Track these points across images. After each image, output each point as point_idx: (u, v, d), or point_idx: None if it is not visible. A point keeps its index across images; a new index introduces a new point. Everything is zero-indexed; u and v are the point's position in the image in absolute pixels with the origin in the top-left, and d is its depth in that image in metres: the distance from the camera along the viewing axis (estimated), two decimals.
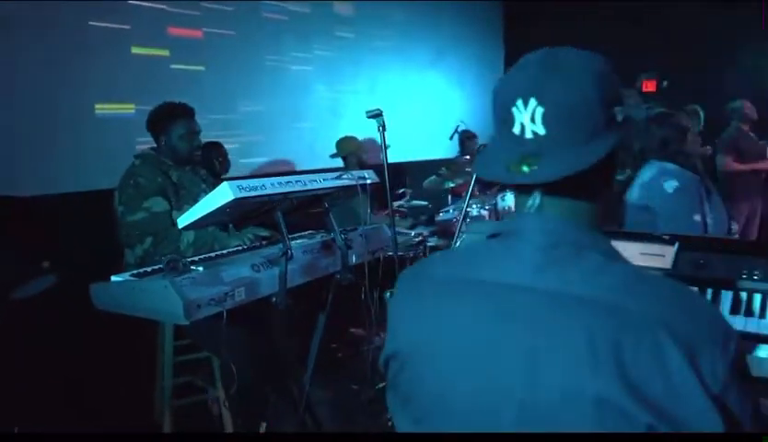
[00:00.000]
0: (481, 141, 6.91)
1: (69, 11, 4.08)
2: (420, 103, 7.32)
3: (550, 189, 0.87)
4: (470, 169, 5.68)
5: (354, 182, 2.66)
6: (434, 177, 5.47)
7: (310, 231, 3.11)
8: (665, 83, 8.75)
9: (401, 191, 5.57)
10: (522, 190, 0.92)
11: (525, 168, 0.85)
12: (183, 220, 2.25)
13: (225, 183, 2.13)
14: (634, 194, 2.44)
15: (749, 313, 1.33)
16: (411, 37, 7.34)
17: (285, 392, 2.70)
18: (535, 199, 0.89)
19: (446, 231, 4.94)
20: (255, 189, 2.20)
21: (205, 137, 5.00)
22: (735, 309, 1.34)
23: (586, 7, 8.37)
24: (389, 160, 6.35)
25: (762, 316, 1.32)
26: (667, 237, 1.56)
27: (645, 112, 2.51)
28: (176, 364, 3.02)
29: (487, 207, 5.42)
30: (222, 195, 2.12)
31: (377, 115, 2.59)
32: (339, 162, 5.22)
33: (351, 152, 4.82)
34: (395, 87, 7.10)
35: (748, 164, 5.41)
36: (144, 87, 4.51)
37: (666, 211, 2.28)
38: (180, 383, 3.13)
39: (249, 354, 2.42)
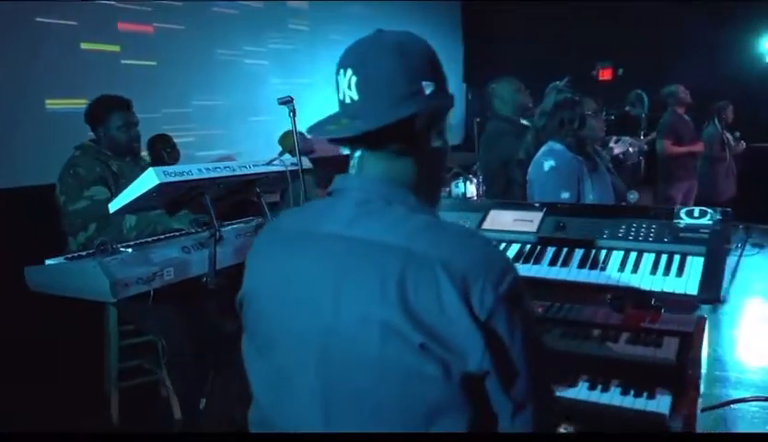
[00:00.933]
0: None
1: (16, 8, 4.14)
2: None
3: (370, 147, 1.03)
4: None
5: (285, 169, 2.79)
6: None
7: (252, 217, 3.25)
8: (620, 71, 8.98)
9: None
10: (352, 153, 1.07)
11: (334, 127, 1.02)
12: (114, 205, 2.37)
13: (150, 169, 2.25)
14: (530, 171, 2.63)
15: (594, 266, 1.50)
16: (368, 31, 7.45)
17: (224, 368, 2.83)
18: (355, 160, 1.06)
19: None
20: (181, 174, 2.33)
21: (161, 131, 5.15)
22: (582, 264, 1.52)
23: (544, 2, 8.53)
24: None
25: (603, 269, 1.49)
26: (537, 204, 1.73)
27: (554, 98, 2.65)
28: (126, 347, 3.14)
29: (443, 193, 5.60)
30: (148, 180, 2.24)
31: (287, 101, 2.70)
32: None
33: (293, 147, 4.91)
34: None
35: (684, 146, 5.65)
36: (95, 82, 4.56)
37: (540, 186, 2.47)
38: (131, 366, 3.25)
39: (183, 333, 2.55)
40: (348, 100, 1.03)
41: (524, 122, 4.01)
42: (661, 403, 1.32)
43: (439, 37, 8.82)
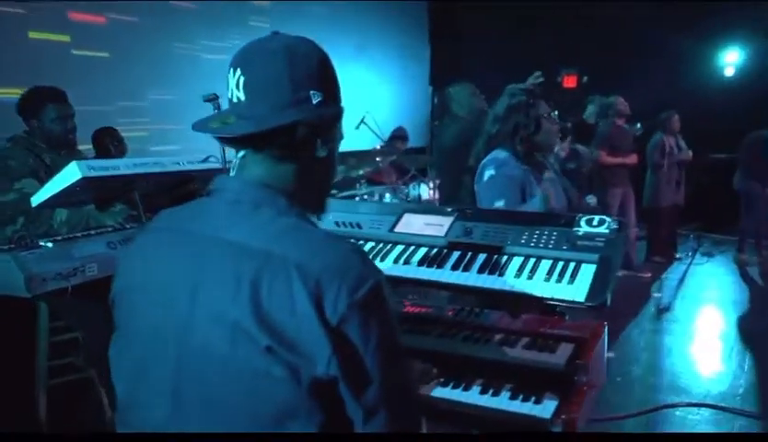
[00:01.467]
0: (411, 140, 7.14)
1: None
2: (344, 96, 7.39)
3: (253, 148, 1.03)
4: (379, 159, 5.88)
5: (220, 166, 2.76)
6: (341, 166, 5.63)
7: None
8: (585, 78, 9.09)
9: None
10: (237, 153, 1.07)
11: (217, 125, 1.03)
12: (36, 199, 2.33)
13: (73, 162, 2.20)
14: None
15: (493, 272, 1.52)
16: (331, 29, 7.43)
17: None
18: (238, 161, 1.06)
19: None
20: (107, 169, 2.29)
21: (115, 124, 5.07)
22: (482, 269, 1.53)
23: (511, 2, 8.60)
24: None
25: (501, 274, 1.51)
26: (449, 209, 1.74)
27: (507, 101, 2.60)
28: (58, 343, 3.07)
29: (400, 196, 5.63)
30: (70, 174, 2.20)
31: (212, 99, 2.67)
32: None
33: None
34: None
35: (618, 157, 5.77)
36: (44, 72, 4.46)
37: (479, 195, 2.44)
38: (63, 364, 3.18)
39: (101, 328, 2.50)
40: (235, 99, 1.03)
41: None
42: (546, 408, 1.34)
43: (405, 38, 8.88)
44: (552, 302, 1.43)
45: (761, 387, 3.59)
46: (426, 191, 5.75)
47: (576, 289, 1.42)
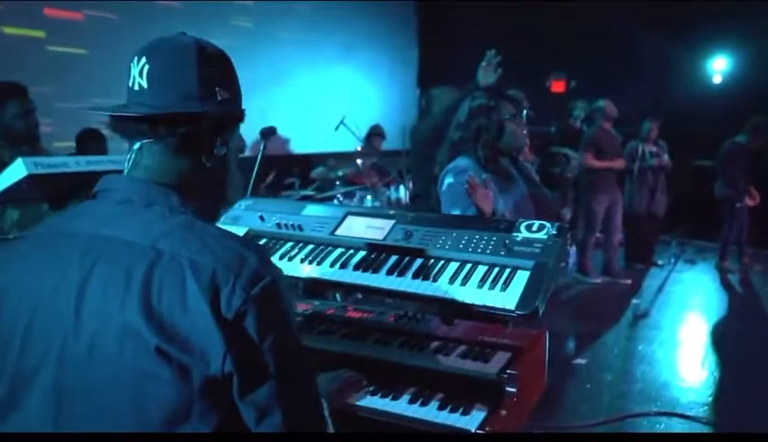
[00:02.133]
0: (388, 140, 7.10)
1: None
2: (330, 97, 7.36)
3: (151, 137, 1.00)
4: (360, 161, 5.85)
5: None
6: (321, 167, 5.60)
7: None
8: (573, 83, 9.10)
9: (290, 181, 5.67)
10: (131, 146, 1.03)
11: (115, 110, 1.01)
12: None
13: (19, 159, 2.15)
14: None
15: (427, 277, 1.48)
16: (317, 30, 7.40)
17: None
18: (132, 154, 1.03)
19: None
20: (55, 166, 2.24)
21: (90, 122, 5.01)
22: (417, 274, 1.49)
23: (500, 5, 8.58)
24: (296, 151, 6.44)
25: (434, 280, 1.47)
26: (392, 212, 1.70)
27: (468, 106, 2.53)
28: None
29: (381, 198, 5.59)
30: (16, 171, 2.14)
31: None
32: None
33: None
34: (301, 79, 7.17)
35: (605, 161, 5.73)
36: (19, 68, 4.42)
37: (440, 203, 2.37)
38: None
39: None
40: (137, 87, 1.01)
41: None
42: (473, 420, 1.30)
43: (393, 40, 8.84)
44: (483, 309, 1.39)
45: (728, 397, 3.56)
46: (405, 194, 5.71)
47: (507, 297, 1.37)
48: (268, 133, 2.57)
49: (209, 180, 1.06)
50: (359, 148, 5.94)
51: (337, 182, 5.44)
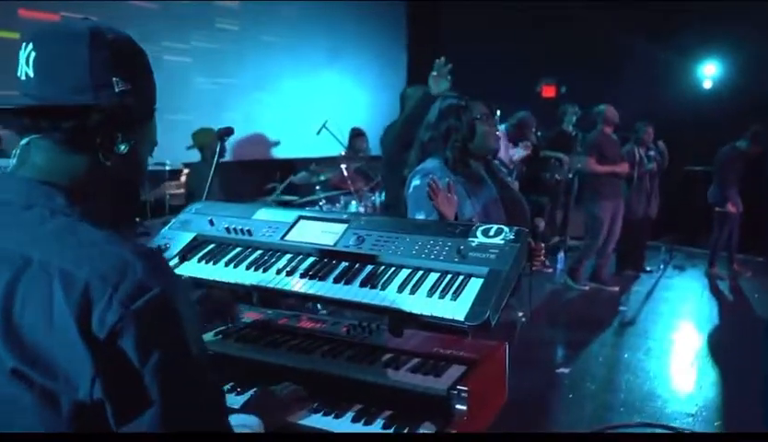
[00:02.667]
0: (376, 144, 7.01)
1: None
2: (317, 101, 7.26)
3: (38, 132, 0.90)
4: (344, 166, 5.75)
5: None
6: (303, 172, 5.50)
7: None
8: (563, 89, 9.04)
9: (271, 186, 5.57)
10: (19, 142, 0.93)
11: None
12: None
13: None
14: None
15: (375, 285, 1.38)
16: (304, 34, 7.32)
17: None
18: (19, 150, 0.92)
19: None
20: None
21: None
22: (365, 282, 1.39)
23: (491, 8, 8.53)
24: (278, 155, 6.33)
25: (383, 288, 1.37)
26: (345, 216, 1.61)
27: (438, 106, 2.46)
28: None
29: (366, 203, 5.49)
30: None
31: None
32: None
33: (206, 144, 4.76)
34: (288, 83, 7.08)
35: (608, 166, 5.63)
36: None
37: (407, 206, 2.29)
38: None
39: None
40: (24, 77, 0.91)
41: None
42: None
43: (382, 44, 8.76)
44: (432, 320, 1.29)
45: (714, 408, 3.46)
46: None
47: (457, 306, 1.27)
48: (224, 133, 2.47)
49: (108, 181, 0.94)
50: (343, 153, 5.84)
51: (317, 187, 5.34)
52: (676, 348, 4.38)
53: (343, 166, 5.67)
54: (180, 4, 5.84)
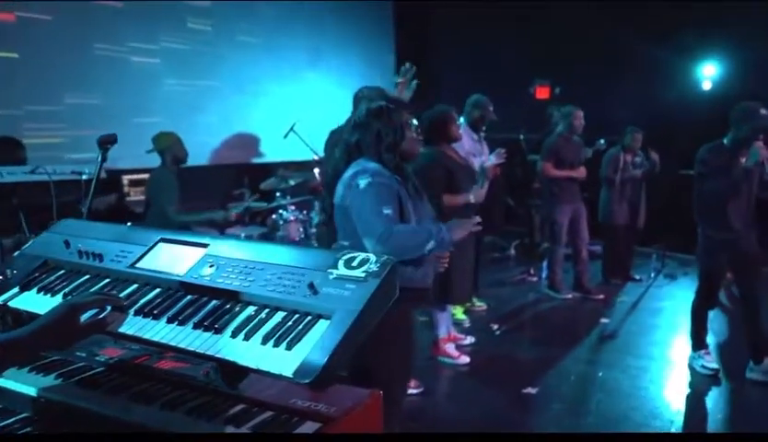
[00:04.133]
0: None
1: None
2: (298, 103, 7.04)
3: None
4: (317, 170, 5.53)
5: (48, 179, 2.41)
6: (272, 178, 5.30)
7: None
8: (557, 90, 8.81)
9: (239, 191, 5.37)
10: None
11: None
12: None
13: None
14: (337, 194, 2.26)
15: (209, 328, 1.15)
16: (283, 34, 7.11)
17: None
18: None
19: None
20: None
21: (22, 129, 4.73)
22: (199, 324, 1.17)
23: (482, 7, 8.31)
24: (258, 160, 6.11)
25: (217, 331, 1.14)
26: (206, 240, 1.38)
27: (367, 107, 2.32)
28: None
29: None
30: None
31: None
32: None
33: (166, 147, 4.55)
34: (267, 85, 6.87)
35: (565, 170, 5.40)
36: None
37: (358, 209, 2.12)
38: None
39: None
40: None
41: None
42: None
43: (366, 40, 8.54)
44: (258, 374, 1.06)
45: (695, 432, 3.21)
46: None
47: (289, 358, 1.04)
48: (105, 141, 2.24)
49: None
50: (315, 157, 5.62)
51: (278, 193, 5.13)
52: (655, 366, 4.10)
53: (317, 170, 5.46)
54: (148, 3, 5.64)
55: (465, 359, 4.06)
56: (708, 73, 7.54)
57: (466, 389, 3.74)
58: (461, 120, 4.80)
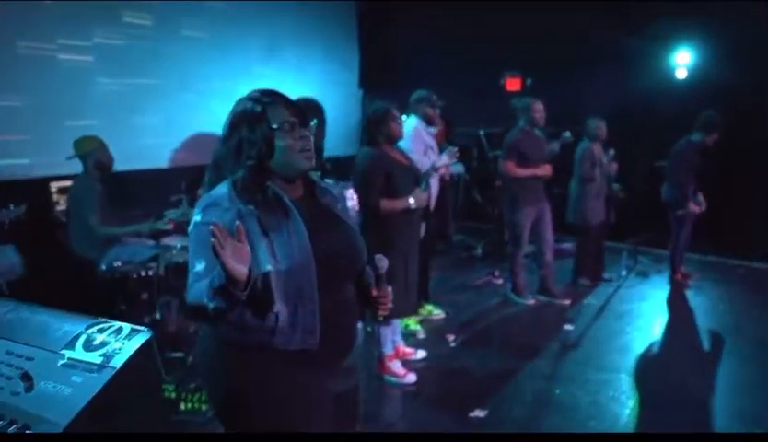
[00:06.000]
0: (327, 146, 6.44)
1: None
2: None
3: None
4: None
5: None
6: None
7: None
8: (529, 81, 8.53)
9: (177, 197, 4.98)
10: None
11: None
12: None
13: None
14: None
15: None
16: (234, 28, 6.73)
17: None
18: None
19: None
20: None
21: None
22: None
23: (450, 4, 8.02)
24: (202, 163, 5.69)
25: None
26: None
27: (234, 107, 1.86)
28: None
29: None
30: None
31: None
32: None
33: (88, 153, 4.19)
34: (216, 82, 6.48)
35: (529, 168, 5.04)
36: None
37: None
38: None
39: None
40: None
41: None
42: None
43: (331, 38, 8.18)
44: None
45: None
46: None
47: None
48: None
49: None
50: None
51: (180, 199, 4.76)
52: (617, 379, 3.78)
53: None
54: None
55: (411, 378, 3.73)
56: (683, 60, 7.25)
57: (409, 414, 3.42)
58: (413, 117, 4.47)
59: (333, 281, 1.71)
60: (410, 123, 4.35)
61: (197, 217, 1.67)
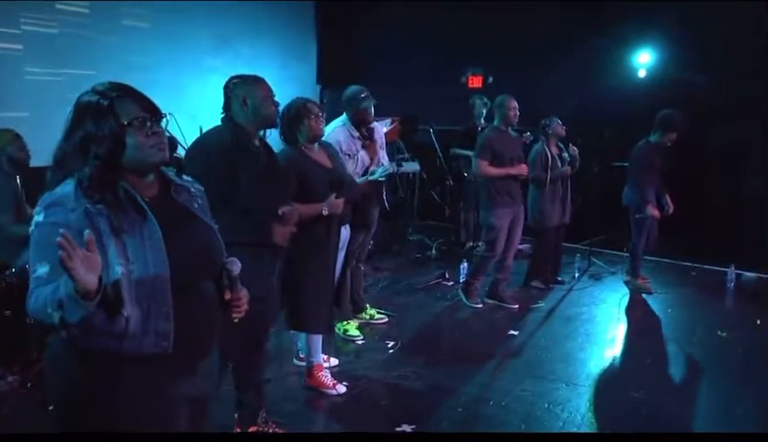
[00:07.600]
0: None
1: None
2: (197, 94, 6.39)
3: None
4: None
5: None
6: None
7: None
8: (491, 79, 8.43)
9: None
10: None
11: None
12: None
13: None
14: None
15: None
16: (179, 17, 6.46)
17: None
18: None
19: None
20: None
21: None
22: None
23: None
24: None
25: None
26: None
27: (78, 98, 1.65)
28: None
29: None
30: None
31: None
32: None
33: (0, 147, 3.91)
34: (159, 73, 6.20)
35: (503, 168, 4.87)
36: None
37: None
38: None
39: None
40: None
41: None
42: None
43: (287, 32, 7.95)
44: None
45: None
46: None
47: None
48: None
49: None
50: None
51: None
52: (554, 389, 3.59)
53: None
54: None
55: (341, 389, 3.52)
56: (644, 60, 7.16)
57: (333, 426, 3.22)
58: (340, 118, 4.22)
59: (189, 282, 1.62)
60: (332, 124, 4.10)
61: (39, 217, 1.52)
